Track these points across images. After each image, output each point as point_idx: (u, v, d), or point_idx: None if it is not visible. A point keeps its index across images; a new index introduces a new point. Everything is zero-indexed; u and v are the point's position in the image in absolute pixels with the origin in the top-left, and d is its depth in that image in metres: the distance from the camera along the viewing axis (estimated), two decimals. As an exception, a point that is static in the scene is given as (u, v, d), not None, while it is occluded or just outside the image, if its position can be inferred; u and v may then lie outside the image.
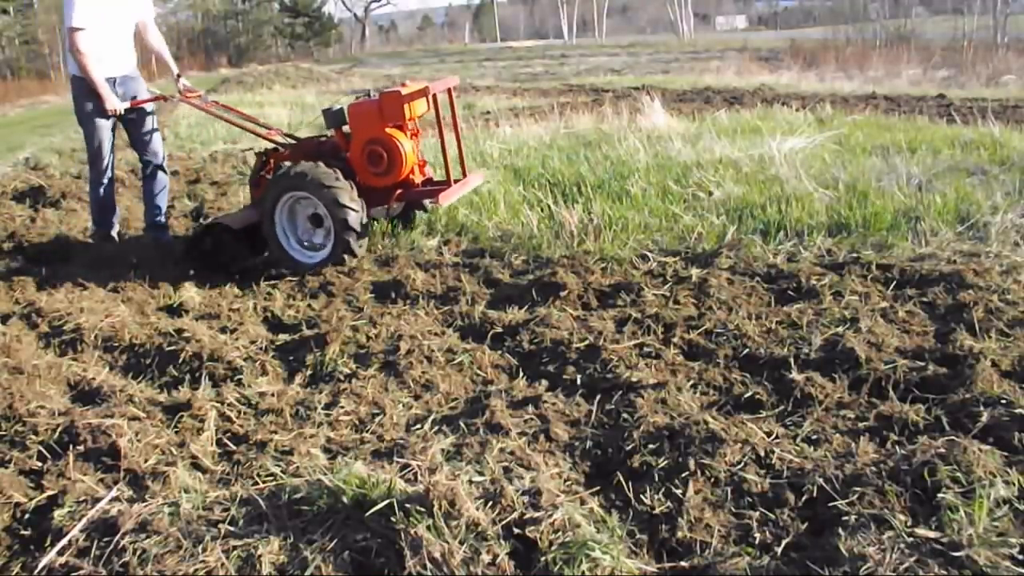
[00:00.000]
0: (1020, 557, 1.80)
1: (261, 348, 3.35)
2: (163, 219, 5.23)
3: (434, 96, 4.24)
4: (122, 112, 4.75)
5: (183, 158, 8.79)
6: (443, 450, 2.36)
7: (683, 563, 1.94)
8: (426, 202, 4.77)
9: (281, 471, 2.29)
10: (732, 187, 5.27)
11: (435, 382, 2.91)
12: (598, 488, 2.24)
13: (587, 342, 3.15)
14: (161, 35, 5.24)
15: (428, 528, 1.88)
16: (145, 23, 5.04)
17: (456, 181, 4.39)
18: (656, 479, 2.22)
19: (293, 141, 4.74)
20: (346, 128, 4.46)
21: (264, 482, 2.24)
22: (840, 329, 3.12)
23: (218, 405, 2.75)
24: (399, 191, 4.39)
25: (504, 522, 1.95)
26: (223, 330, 3.53)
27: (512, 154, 6.92)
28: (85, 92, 4.78)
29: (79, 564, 1.95)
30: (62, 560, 1.97)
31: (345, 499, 2.01)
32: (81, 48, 4.57)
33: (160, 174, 5.17)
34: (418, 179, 4.47)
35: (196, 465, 2.42)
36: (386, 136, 4.23)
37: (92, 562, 1.95)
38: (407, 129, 4.34)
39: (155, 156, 5.12)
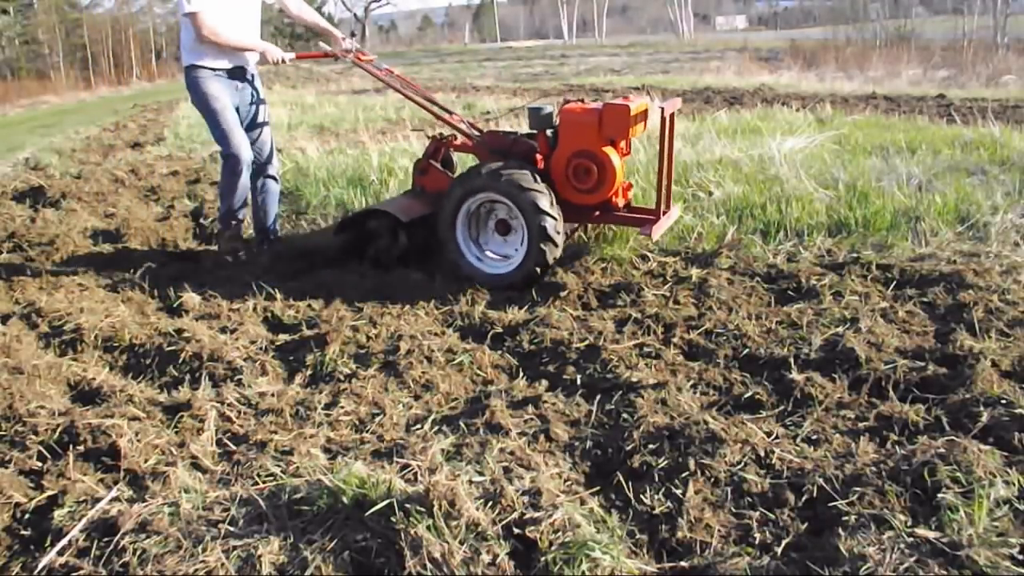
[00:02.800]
0: (1020, 557, 1.81)
1: (261, 348, 3.35)
2: (276, 228, 4.91)
3: (669, 116, 3.84)
4: (287, 61, 4.41)
5: (183, 158, 8.78)
6: (443, 450, 2.36)
7: (683, 563, 1.94)
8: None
9: (281, 471, 2.29)
10: (732, 187, 5.27)
11: (435, 382, 2.91)
12: (598, 488, 2.24)
13: (587, 342, 3.16)
14: (308, 7, 4.82)
15: (428, 528, 1.88)
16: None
17: (663, 213, 3.93)
18: (656, 479, 2.22)
19: (476, 131, 4.31)
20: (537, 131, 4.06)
21: (264, 482, 2.24)
22: (840, 329, 3.12)
23: (218, 405, 2.75)
24: (598, 212, 4.01)
25: (504, 522, 1.95)
26: (223, 330, 3.53)
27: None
28: (205, 77, 4.43)
29: (79, 564, 1.95)
30: (62, 560, 1.97)
31: (345, 499, 2.01)
32: (207, 26, 4.20)
33: (271, 182, 4.83)
34: (620, 203, 4.04)
35: (196, 465, 2.42)
36: (600, 151, 3.80)
37: (92, 562, 1.95)
38: (619, 147, 3.90)
39: (268, 163, 4.79)
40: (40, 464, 2.42)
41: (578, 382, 2.90)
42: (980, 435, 2.31)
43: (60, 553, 2.00)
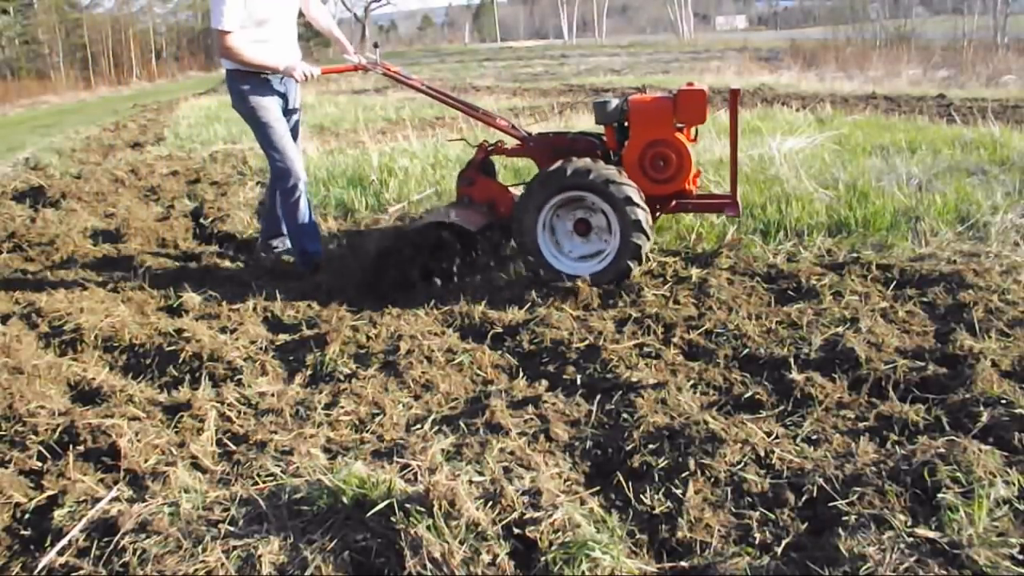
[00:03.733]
0: (1020, 557, 1.80)
1: (261, 348, 3.35)
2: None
3: (733, 98, 3.84)
4: (316, 76, 4.20)
5: (183, 158, 8.78)
6: (443, 450, 2.36)
7: (683, 563, 1.94)
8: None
9: (281, 471, 2.29)
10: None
11: (435, 382, 2.91)
12: (598, 488, 2.24)
13: (587, 342, 3.16)
14: (327, 11, 4.70)
15: (428, 528, 1.88)
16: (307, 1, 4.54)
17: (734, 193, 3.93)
18: (656, 479, 2.22)
19: (525, 134, 4.22)
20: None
21: (264, 482, 2.24)
22: (840, 329, 3.12)
23: (218, 405, 2.75)
24: (674, 202, 3.95)
25: (504, 522, 1.95)
26: (223, 330, 3.53)
27: (512, 154, 6.90)
28: (251, 83, 4.24)
29: (79, 564, 1.95)
30: (62, 560, 1.97)
31: (345, 499, 2.01)
32: (230, 45, 4.06)
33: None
34: (693, 190, 3.99)
35: (196, 465, 2.42)
36: (675, 139, 3.78)
37: (92, 562, 1.95)
38: (687, 134, 3.89)
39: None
40: (40, 464, 2.42)
41: (578, 382, 2.90)
42: (980, 435, 2.31)
43: (60, 553, 2.00)
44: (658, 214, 4.08)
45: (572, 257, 3.89)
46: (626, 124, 3.92)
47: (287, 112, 4.42)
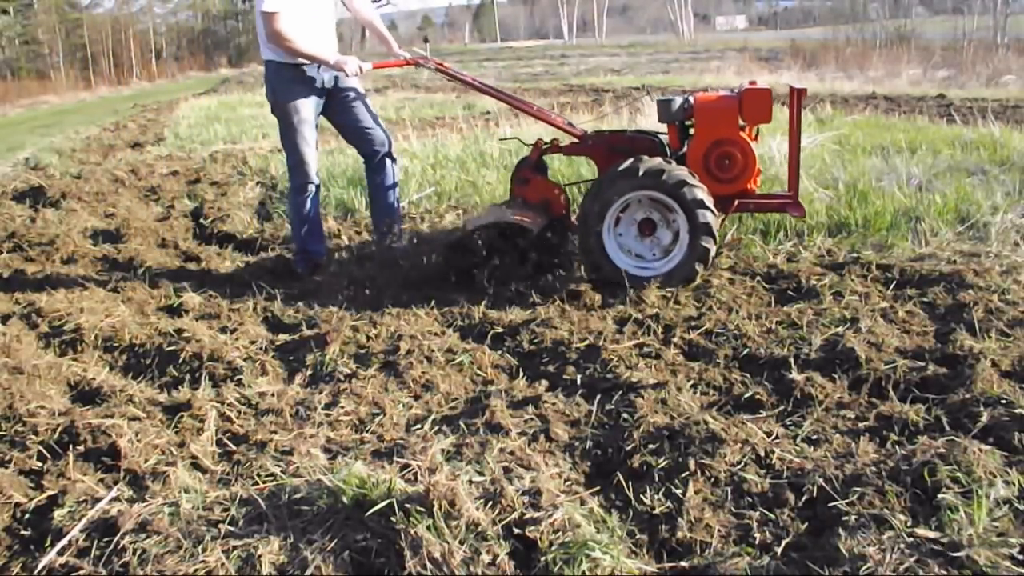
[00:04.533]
0: (1020, 557, 1.80)
1: (261, 348, 3.35)
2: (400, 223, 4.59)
3: (796, 97, 3.81)
4: (368, 70, 4.09)
5: (183, 158, 8.78)
6: (443, 450, 2.36)
7: (683, 563, 1.94)
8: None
9: (281, 471, 2.29)
10: (732, 187, 5.26)
11: (435, 382, 2.91)
12: (598, 488, 2.24)
13: (587, 342, 3.16)
14: (371, 4, 4.62)
15: (428, 528, 1.88)
16: None
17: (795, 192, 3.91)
18: (656, 479, 2.22)
19: (583, 132, 4.14)
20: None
21: (264, 482, 2.24)
22: (840, 329, 3.12)
23: (218, 405, 2.75)
24: (736, 202, 3.88)
25: (504, 522, 1.95)
26: (223, 330, 3.53)
27: (512, 154, 6.91)
28: (289, 77, 4.11)
29: (79, 564, 1.95)
30: (62, 560, 1.97)
31: (345, 499, 2.01)
32: (279, 29, 3.92)
33: (391, 166, 4.43)
34: (755, 189, 3.95)
35: (196, 465, 2.42)
36: (740, 138, 3.76)
37: (92, 562, 1.95)
38: (750, 133, 3.86)
39: (382, 144, 4.38)
40: (40, 464, 2.42)
41: (578, 382, 2.90)
42: (980, 435, 2.31)
43: (60, 553, 1.99)
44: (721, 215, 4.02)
45: (636, 258, 3.83)
46: (688, 123, 3.89)
47: (353, 100, 4.28)
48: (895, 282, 3.69)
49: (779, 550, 1.93)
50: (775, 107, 4.09)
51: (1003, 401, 2.46)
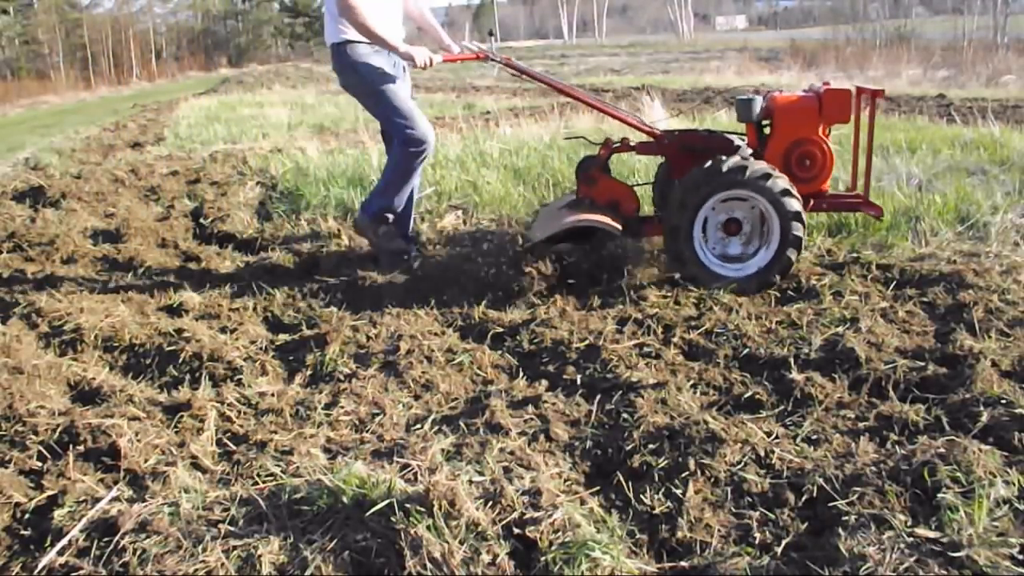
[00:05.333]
0: (1020, 557, 1.80)
1: (261, 348, 3.35)
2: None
3: (872, 99, 3.85)
4: (437, 63, 3.95)
5: (183, 158, 8.78)
6: (443, 450, 2.36)
7: (683, 563, 1.94)
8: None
9: (281, 471, 2.29)
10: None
11: (435, 382, 2.91)
12: (598, 488, 2.24)
13: (587, 342, 3.16)
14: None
15: (428, 528, 1.88)
16: None
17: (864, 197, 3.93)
18: (656, 479, 2.22)
19: (657, 131, 4.08)
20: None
21: (264, 482, 2.24)
22: (840, 329, 3.12)
23: (218, 405, 2.75)
24: (812, 201, 3.87)
25: (504, 522, 1.95)
26: (223, 330, 3.53)
27: (512, 154, 6.92)
28: (367, 51, 3.93)
29: (79, 564, 1.95)
30: (62, 560, 1.97)
31: (345, 499, 2.01)
32: (353, 3, 3.76)
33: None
34: (827, 190, 3.95)
35: (196, 465, 2.42)
36: (820, 138, 3.77)
37: (92, 562, 1.95)
38: (825, 132, 3.86)
39: None
40: (40, 464, 2.42)
41: (578, 382, 2.90)
42: (980, 435, 2.31)
43: (60, 553, 1.99)
44: None
45: (727, 258, 3.79)
46: (765, 122, 3.88)
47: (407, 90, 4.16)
48: (895, 282, 3.69)
49: (779, 550, 1.94)
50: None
51: (1003, 401, 2.46)
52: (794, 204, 3.61)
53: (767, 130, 3.91)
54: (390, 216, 4.18)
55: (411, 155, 4.06)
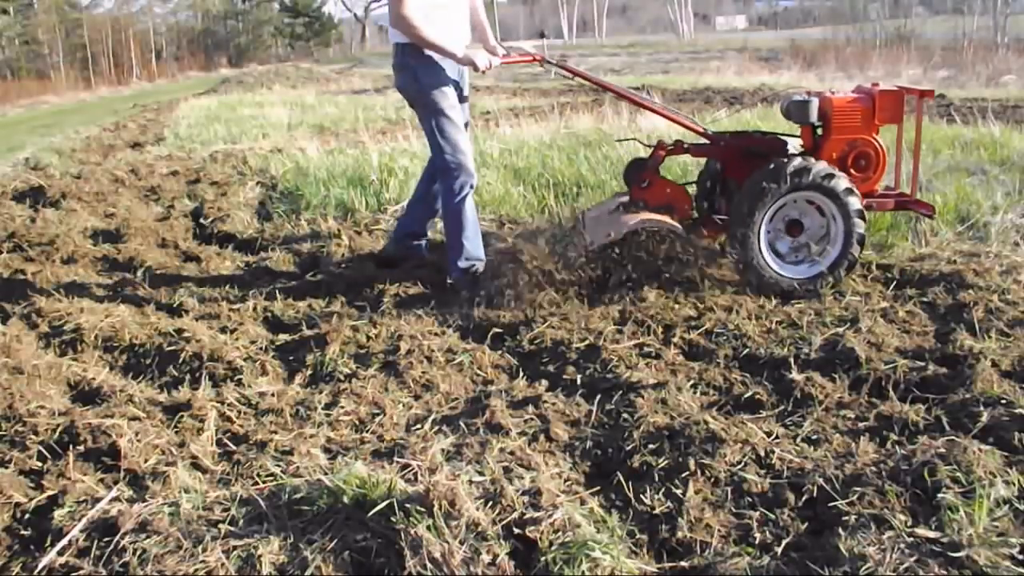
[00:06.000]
0: (1020, 557, 1.80)
1: (261, 348, 3.35)
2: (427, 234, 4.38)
3: (919, 99, 3.91)
4: (497, 65, 3.78)
5: (183, 158, 8.78)
6: (443, 450, 2.36)
7: (683, 563, 1.94)
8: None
9: (281, 471, 2.29)
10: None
11: (435, 382, 2.91)
12: (598, 488, 2.24)
13: (587, 342, 3.16)
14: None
15: (428, 528, 1.88)
16: None
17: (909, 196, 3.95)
18: (656, 479, 2.22)
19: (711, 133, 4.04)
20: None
21: (264, 482, 2.24)
22: (840, 329, 3.12)
23: (218, 405, 2.75)
24: (864, 200, 3.80)
25: (504, 522, 1.95)
26: (223, 330, 3.53)
27: (512, 154, 6.92)
28: (426, 61, 3.74)
29: (79, 564, 1.95)
30: (62, 560, 1.97)
31: (345, 499, 2.01)
32: (406, 13, 3.58)
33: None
34: (877, 189, 3.95)
35: (196, 465, 2.42)
36: (873, 138, 3.80)
37: (92, 562, 1.95)
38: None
39: None
40: (40, 464, 2.42)
41: (578, 382, 2.90)
42: (980, 435, 2.31)
43: (60, 553, 1.99)
44: None
45: (791, 261, 3.78)
46: (819, 123, 3.89)
47: (464, 97, 3.98)
48: (895, 282, 3.69)
49: (779, 550, 1.94)
50: (775, 108, 4.05)
51: (1003, 401, 2.46)
52: (856, 203, 3.64)
53: (819, 131, 3.92)
54: (477, 262, 3.95)
55: (452, 190, 3.86)
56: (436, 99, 3.76)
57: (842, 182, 3.62)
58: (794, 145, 3.93)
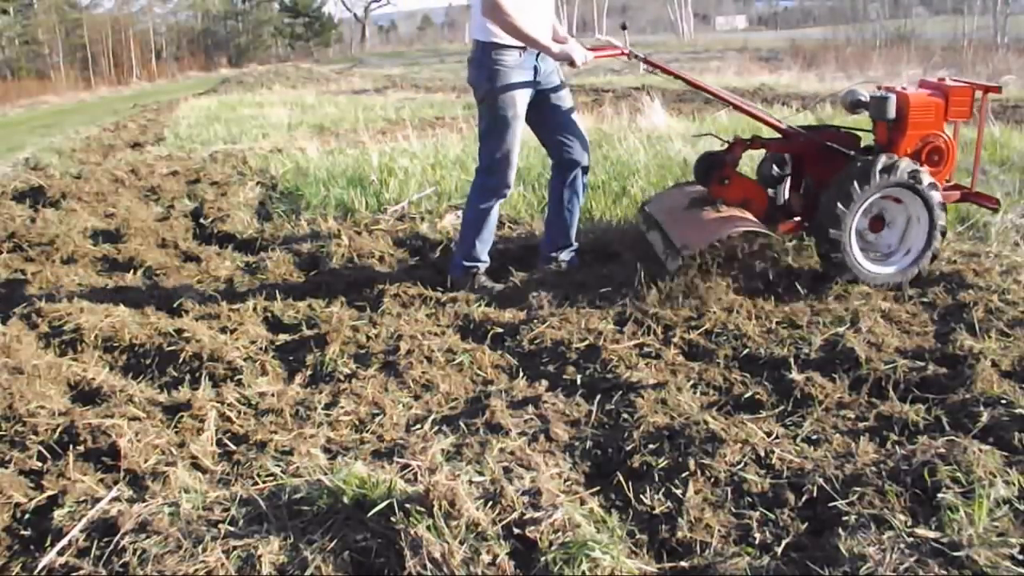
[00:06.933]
0: (1020, 557, 1.81)
1: (261, 348, 3.35)
2: (574, 243, 4.17)
3: (985, 95, 3.97)
4: (590, 60, 3.74)
5: (183, 158, 8.78)
6: (443, 450, 2.36)
7: (683, 563, 1.94)
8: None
9: (281, 471, 2.29)
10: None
11: (435, 382, 2.91)
12: (598, 488, 2.24)
13: (587, 342, 3.16)
14: None
15: (428, 528, 1.88)
16: None
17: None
18: (656, 479, 2.22)
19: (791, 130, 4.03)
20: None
21: (264, 482, 2.24)
22: (840, 329, 3.12)
23: (218, 405, 2.75)
24: None
25: (504, 522, 1.95)
26: (223, 330, 3.53)
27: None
28: (511, 63, 3.67)
29: (79, 564, 1.95)
30: (62, 560, 1.97)
31: (345, 499, 2.01)
32: (503, 3, 3.51)
33: (582, 179, 4.06)
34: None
35: (196, 465, 2.42)
36: (944, 132, 3.86)
37: (92, 562, 1.95)
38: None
39: (581, 155, 3.99)
40: (40, 464, 2.42)
41: (578, 382, 2.90)
42: (980, 435, 2.31)
43: (60, 553, 2.00)
44: None
45: (876, 255, 3.81)
46: (892, 119, 3.88)
47: (558, 90, 3.92)
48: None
49: (779, 550, 1.94)
50: (775, 108, 4.04)
51: (1003, 401, 2.46)
52: (938, 196, 3.70)
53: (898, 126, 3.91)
54: (478, 264, 3.96)
55: (484, 192, 3.87)
56: (504, 104, 3.73)
57: (927, 178, 3.67)
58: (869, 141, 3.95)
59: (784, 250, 3.86)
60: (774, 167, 3.95)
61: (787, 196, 4.00)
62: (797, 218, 3.92)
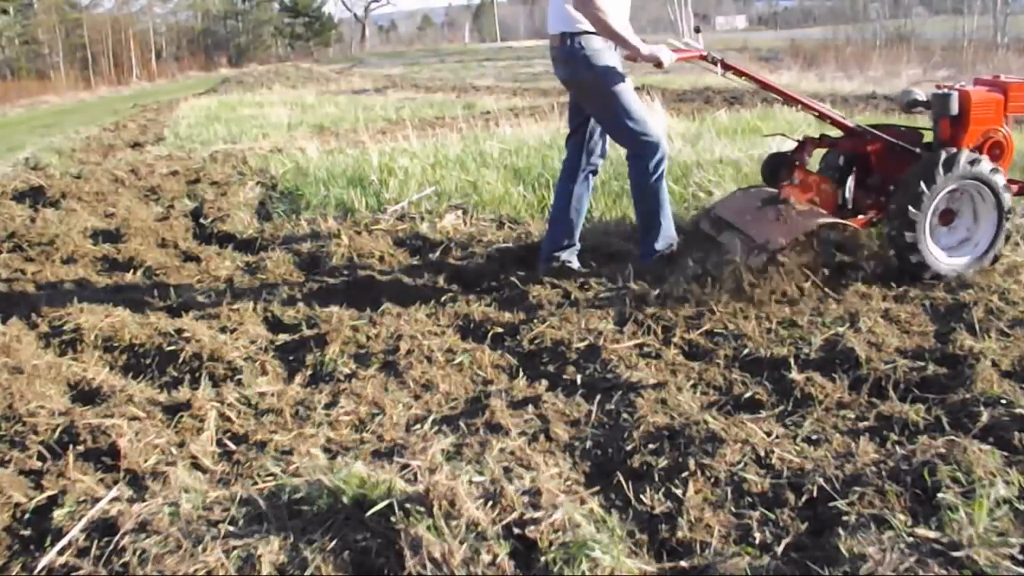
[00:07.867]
0: (1020, 557, 1.80)
1: (261, 348, 3.35)
2: (577, 243, 4.16)
3: None
4: (672, 62, 3.80)
5: (183, 158, 8.78)
6: (443, 450, 2.36)
7: (683, 563, 1.94)
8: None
9: (281, 471, 2.29)
10: (732, 187, 5.27)
11: (435, 382, 2.91)
12: (598, 488, 2.24)
13: (587, 342, 3.16)
14: None
15: (428, 528, 1.88)
16: None
17: None
18: (656, 479, 2.22)
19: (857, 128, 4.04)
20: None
21: (264, 482, 2.24)
22: (840, 329, 3.12)
23: (218, 405, 2.75)
24: None
25: (504, 522, 1.95)
26: (223, 330, 3.53)
27: (512, 154, 6.92)
28: (603, 47, 3.69)
29: (79, 564, 1.95)
30: (62, 560, 1.97)
31: (345, 499, 2.01)
32: (598, 1, 3.52)
33: (592, 180, 4.13)
34: None
35: (196, 465, 2.42)
36: (1004, 128, 3.93)
37: (92, 562, 1.95)
38: None
39: (601, 157, 4.09)
40: (40, 464, 2.42)
41: (578, 382, 2.90)
42: (980, 435, 2.31)
43: (60, 553, 1.99)
44: None
45: (947, 250, 3.83)
46: (954, 115, 3.91)
47: (608, 102, 3.88)
48: (895, 282, 3.68)
49: (779, 550, 1.94)
50: (775, 108, 4.04)
51: (1003, 401, 2.46)
52: (1001, 179, 3.75)
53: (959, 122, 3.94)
54: (674, 245, 3.93)
55: (649, 169, 3.79)
56: (612, 80, 3.69)
57: (998, 175, 3.73)
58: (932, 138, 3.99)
59: (868, 242, 3.89)
60: (840, 159, 4.01)
61: (851, 194, 4.02)
62: (863, 216, 3.94)
